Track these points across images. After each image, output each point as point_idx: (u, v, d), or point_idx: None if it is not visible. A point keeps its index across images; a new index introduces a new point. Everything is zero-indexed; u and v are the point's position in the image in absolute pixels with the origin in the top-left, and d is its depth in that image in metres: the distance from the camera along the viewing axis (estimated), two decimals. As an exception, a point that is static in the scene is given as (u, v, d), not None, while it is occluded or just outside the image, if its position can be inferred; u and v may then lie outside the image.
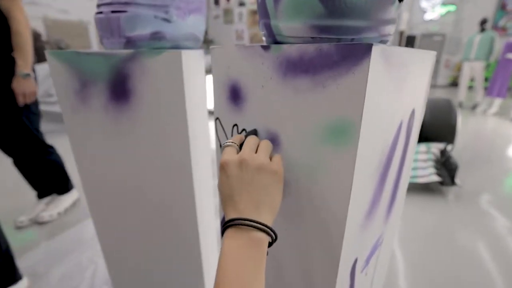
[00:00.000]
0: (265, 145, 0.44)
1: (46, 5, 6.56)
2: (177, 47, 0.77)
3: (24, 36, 1.52)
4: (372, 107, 0.38)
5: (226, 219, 0.39)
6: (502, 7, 8.08)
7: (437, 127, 2.63)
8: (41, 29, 6.44)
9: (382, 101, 0.41)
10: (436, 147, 2.54)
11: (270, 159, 0.42)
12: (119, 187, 0.82)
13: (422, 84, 0.56)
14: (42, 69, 4.15)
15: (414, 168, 2.41)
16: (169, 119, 0.71)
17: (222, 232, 0.39)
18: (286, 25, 0.43)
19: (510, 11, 8.01)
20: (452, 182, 2.28)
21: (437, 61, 8.96)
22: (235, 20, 10.62)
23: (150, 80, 0.69)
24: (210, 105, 0.64)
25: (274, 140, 0.47)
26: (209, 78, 0.57)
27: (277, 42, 0.46)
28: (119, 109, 0.72)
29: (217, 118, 0.58)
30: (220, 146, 0.61)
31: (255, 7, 10.28)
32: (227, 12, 10.57)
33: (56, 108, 3.77)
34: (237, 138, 0.46)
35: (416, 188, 2.37)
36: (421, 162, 2.47)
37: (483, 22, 4.99)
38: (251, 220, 0.37)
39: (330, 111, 0.39)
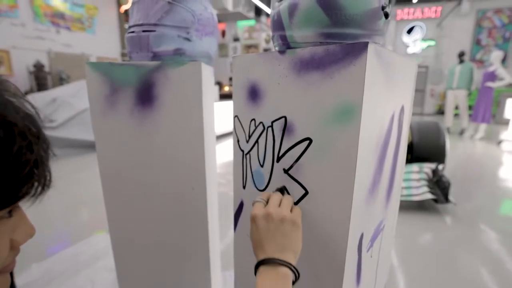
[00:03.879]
0: (287, 200, 0.55)
1: (51, 40, 6.92)
2: (194, 61, 0.88)
3: None
4: (370, 92, 0.47)
5: (257, 260, 0.49)
6: (477, 42, 8.76)
7: (427, 148, 2.76)
8: (45, 61, 6.69)
9: (377, 89, 0.51)
10: (428, 167, 2.64)
11: (291, 210, 0.53)
12: (136, 185, 0.89)
13: (409, 85, 0.67)
14: (44, 96, 4.27)
15: (408, 187, 2.50)
16: (187, 121, 0.80)
17: (255, 271, 0.49)
18: (299, 34, 0.54)
19: (485, 46, 8.67)
20: (446, 200, 2.36)
21: (423, 91, 9.44)
22: (230, 54, 11.14)
23: (173, 87, 0.79)
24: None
25: (290, 126, 0.56)
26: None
27: (290, 48, 0.57)
28: (143, 113, 0.81)
29: (235, 116, 0.68)
30: (238, 141, 0.69)
31: (248, 42, 10.87)
32: (223, 47, 11.12)
33: (57, 133, 3.82)
34: (265, 195, 0.57)
35: (411, 207, 2.44)
36: (414, 181, 2.56)
37: (461, 55, 5.39)
38: (277, 259, 0.47)
39: (337, 97, 0.49)
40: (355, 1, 0.49)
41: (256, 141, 0.64)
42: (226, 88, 10.88)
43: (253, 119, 0.63)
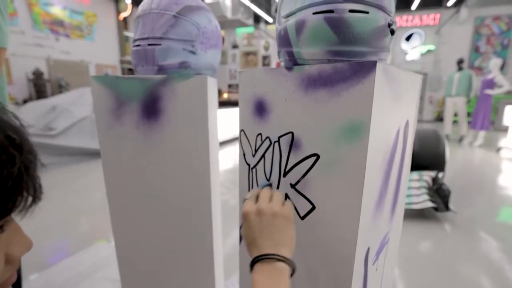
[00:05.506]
0: (277, 195, 0.54)
1: (50, 47, 6.96)
2: (199, 74, 0.88)
3: None
4: (377, 110, 0.48)
5: (252, 258, 0.48)
6: (475, 50, 8.84)
7: (427, 156, 2.77)
8: (44, 68, 6.71)
9: (384, 106, 0.51)
10: (427, 175, 2.65)
11: (282, 205, 0.52)
12: (142, 196, 0.89)
13: (413, 100, 0.68)
14: (44, 104, 4.27)
15: (408, 195, 2.50)
16: (193, 134, 0.81)
17: (251, 269, 0.47)
18: (306, 51, 0.54)
19: (483, 53, 8.74)
20: (446, 208, 2.36)
21: (421, 98, 9.50)
22: (228, 61, 11.22)
23: (178, 100, 0.79)
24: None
25: (297, 142, 0.56)
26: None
27: (297, 65, 0.58)
28: (149, 126, 0.82)
29: (241, 130, 0.68)
30: (244, 155, 0.69)
31: (247, 49, 10.94)
32: (221, 54, 11.18)
33: (57, 141, 3.81)
34: (254, 192, 0.56)
35: (412, 215, 2.43)
36: (414, 189, 2.56)
37: (460, 62, 5.43)
38: (272, 254, 0.46)
39: (345, 114, 0.49)
40: (363, 20, 0.50)
41: (263, 156, 0.64)
42: (225, 95, 10.93)
43: (260, 134, 0.64)
